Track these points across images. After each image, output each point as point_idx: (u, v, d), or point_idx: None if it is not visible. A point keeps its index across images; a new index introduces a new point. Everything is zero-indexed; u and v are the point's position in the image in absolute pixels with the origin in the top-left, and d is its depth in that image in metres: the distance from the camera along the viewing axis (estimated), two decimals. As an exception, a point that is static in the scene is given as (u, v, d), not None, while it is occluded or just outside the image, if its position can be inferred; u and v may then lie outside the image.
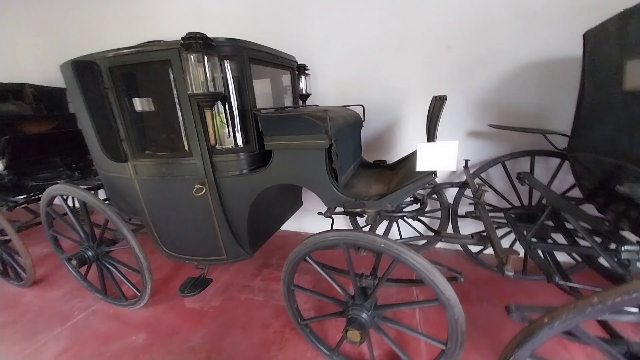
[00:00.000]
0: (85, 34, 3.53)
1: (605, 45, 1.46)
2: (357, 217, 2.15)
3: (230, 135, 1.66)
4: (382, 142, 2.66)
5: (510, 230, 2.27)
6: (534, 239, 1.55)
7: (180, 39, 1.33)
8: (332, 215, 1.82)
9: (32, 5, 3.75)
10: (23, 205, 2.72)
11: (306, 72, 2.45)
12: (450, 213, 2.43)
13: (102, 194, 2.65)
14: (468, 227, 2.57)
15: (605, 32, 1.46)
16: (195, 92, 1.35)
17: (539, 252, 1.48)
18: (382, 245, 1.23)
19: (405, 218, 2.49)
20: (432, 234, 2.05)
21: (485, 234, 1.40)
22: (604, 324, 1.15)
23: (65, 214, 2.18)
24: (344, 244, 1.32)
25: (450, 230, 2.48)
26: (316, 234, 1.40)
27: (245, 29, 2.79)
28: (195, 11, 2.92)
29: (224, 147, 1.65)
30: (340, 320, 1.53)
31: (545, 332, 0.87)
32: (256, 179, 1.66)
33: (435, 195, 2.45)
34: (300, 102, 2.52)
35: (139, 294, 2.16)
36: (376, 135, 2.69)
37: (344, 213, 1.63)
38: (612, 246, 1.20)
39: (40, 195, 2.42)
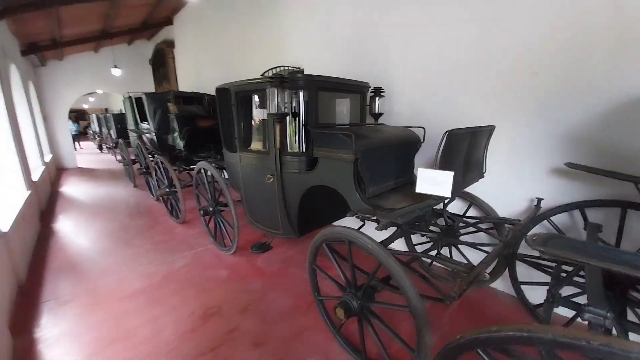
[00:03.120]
0: (241, 59, 5.01)
1: None
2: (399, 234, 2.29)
3: (296, 142, 2.23)
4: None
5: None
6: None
7: (269, 76, 1.99)
8: (365, 220, 2.14)
9: (210, 42, 5.65)
10: (187, 171, 4.23)
11: (381, 94, 2.77)
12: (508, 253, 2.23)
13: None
14: (535, 275, 2.26)
15: None
16: (271, 112, 1.98)
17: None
18: (370, 247, 1.51)
19: (455, 245, 2.45)
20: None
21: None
22: None
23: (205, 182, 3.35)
24: (346, 239, 1.66)
25: (505, 274, 2.27)
26: (329, 227, 1.78)
27: (344, 59, 3.39)
28: (308, 44, 3.78)
29: (291, 150, 2.24)
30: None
31: (453, 346, 0.99)
32: (307, 178, 2.17)
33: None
34: (372, 120, 2.86)
35: (231, 244, 3.08)
36: (444, 158, 2.72)
37: (362, 218, 1.92)
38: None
39: (196, 166, 3.75)
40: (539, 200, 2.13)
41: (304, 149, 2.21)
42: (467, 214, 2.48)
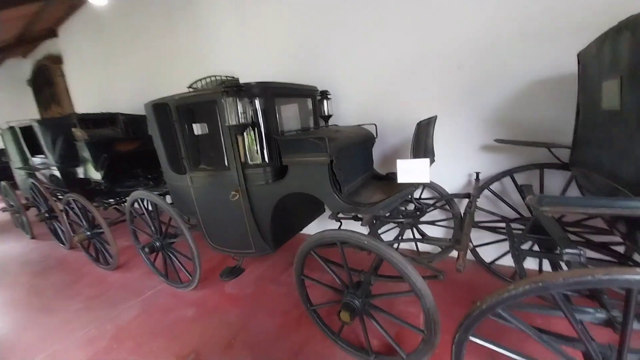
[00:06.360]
0: (160, 71, 4.51)
1: (589, 66, 1.57)
2: (378, 226, 2.38)
3: (258, 153, 2.11)
4: (399, 156, 2.89)
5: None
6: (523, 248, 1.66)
7: (222, 85, 1.84)
8: (342, 220, 2.15)
9: (116, 54, 4.95)
10: (113, 206, 3.57)
11: (328, 96, 2.84)
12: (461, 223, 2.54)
13: (169, 199, 3.36)
14: (484, 237, 2.63)
15: (589, 54, 1.57)
16: (230, 123, 1.83)
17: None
18: (365, 242, 1.52)
19: (416, 226, 2.67)
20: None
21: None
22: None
23: (143, 213, 2.87)
24: (338, 241, 1.64)
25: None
26: (317, 232, 1.74)
27: (282, 65, 3.36)
28: (240, 52, 3.62)
29: (254, 162, 2.10)
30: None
31: (477, 313, 1.08)
32: (277, 188, 2.07)
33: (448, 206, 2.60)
34: (323, 122, 2.91)
35: (190, 278, 2.72)
36: (393, 150, 2.94)
37: (338, 218, 1.94)
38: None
39: (126, 199, 3.19)
40: (477, 174, 2.48)
41: (267, 159, 2.10)
42: (423, 196, 2.75)
